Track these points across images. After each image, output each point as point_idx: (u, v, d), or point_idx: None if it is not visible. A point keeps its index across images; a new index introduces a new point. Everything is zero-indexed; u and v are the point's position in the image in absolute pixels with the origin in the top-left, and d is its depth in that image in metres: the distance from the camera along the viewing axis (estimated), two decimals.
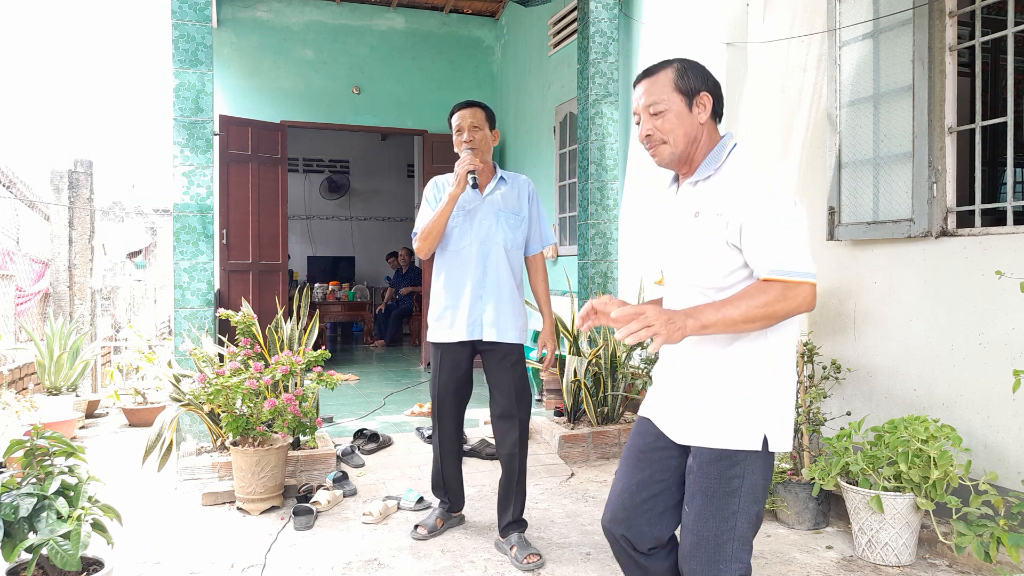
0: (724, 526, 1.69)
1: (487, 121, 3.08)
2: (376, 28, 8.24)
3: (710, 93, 1.78)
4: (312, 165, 12.44)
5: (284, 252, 7.30)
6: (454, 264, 3.06)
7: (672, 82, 1.76)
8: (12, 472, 2.36)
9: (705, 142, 1.78)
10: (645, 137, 1.79)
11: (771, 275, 1.58)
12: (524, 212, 3.13)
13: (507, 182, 3.14)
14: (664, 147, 1.77)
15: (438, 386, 3.16)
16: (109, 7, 21.78)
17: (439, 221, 2.99)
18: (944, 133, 3.17)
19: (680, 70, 1.77)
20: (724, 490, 1.68)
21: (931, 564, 2.92)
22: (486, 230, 3.04)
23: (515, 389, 3.06)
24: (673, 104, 1.75)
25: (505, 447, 3.08)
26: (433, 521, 3.27)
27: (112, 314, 8.30)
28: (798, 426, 3.42)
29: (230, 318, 4.04)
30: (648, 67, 1.82)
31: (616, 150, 5.43)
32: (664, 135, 1.76)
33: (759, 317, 1.57)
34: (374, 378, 7.44)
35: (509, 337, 3.05)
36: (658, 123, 1.76)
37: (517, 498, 3.12)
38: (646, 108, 1.77)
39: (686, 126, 1.76)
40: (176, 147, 4.21)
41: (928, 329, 3.22)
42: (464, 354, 3.11)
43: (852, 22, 3.54)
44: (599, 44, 5.40)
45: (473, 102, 3.10)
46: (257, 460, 3.50)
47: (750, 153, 1.79)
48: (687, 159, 1.79)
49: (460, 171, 2.94)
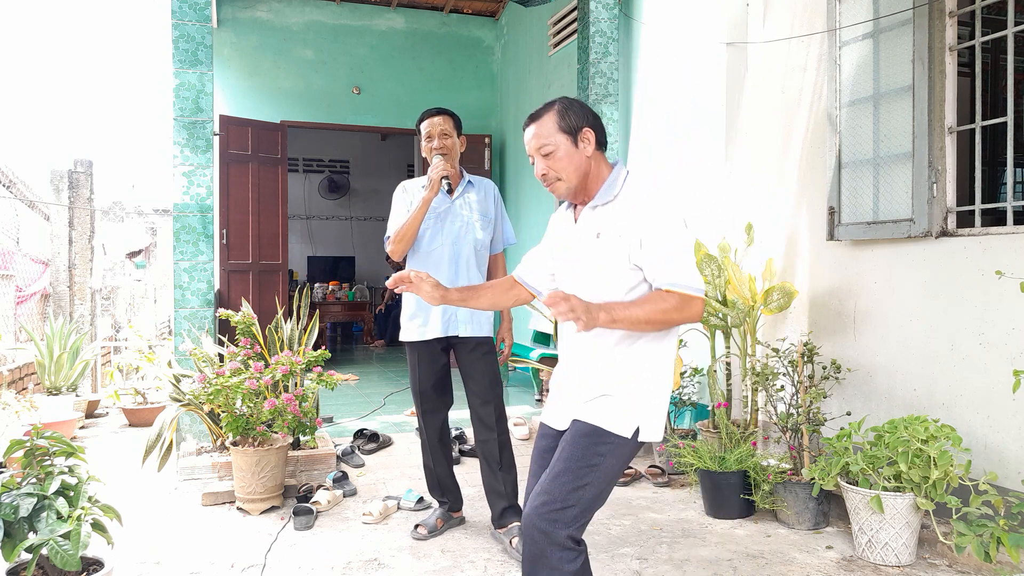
0: (575, 494, 1.84)
1: (455, 128, 3.23)
2: (376, 28, 8.24)
3: (591, 128, 1.95)
4: (312, 165, 12.44)
5: (284, 252, 7.30)
6: (427, 265, 3.17)
7: (556, 124, 1.93)
8: (12, 472, 2.37)
9: (596, 171, 1.97)
10: (541, 176, 1.96)
11: (671, 287, 1.81)
12: (491, 214, 3.30)
13: (474, 185, 3.30)
14: (560, 183, 1.95)
15: (419, 382, 3.24)
16: (109, 7, 21.78)
17: (413, 224, 3.10)
18: (944, 133, 3.17)
19: (561, 111, 1.94)
20: (587, 461, 1.86)
21: (931, 564, 2.92)
22: (457, 231, 3.19)
23: (488, 376, 3.20)
24: (560, 143, 1.93)
25: (484, 432, 3.18)
26: (434, 521, 3.28)
27: (112, 314, 8.30)
28: (797, 425, 3.42)
29: (230, 318, 4.04)
30: (532, 112, 2.00)
31: (616, 150, 5.43)
32: (557, 172, 1.94)
33: (657, 321, 1.81)
34: (374, 378, 7.44)
35: (481, 331, 3.20)
36: (550, 162, 1.93)
37: (507, 481, 3.15)
38: (537, 150, 1.94)
39: (575, 162, 1.94)
40: (176, 147, 4.21)
41: (928, 329, 3.22)
42: (439, 349, 3.22)
43: (852, 22, 3.54)
44: (599, 44, 5.40)
45: (442, 109, 3.24)
46: (257, 460, 3.50)
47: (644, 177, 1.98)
48: (582, 189, 1.97)
49: (434, 176, 3.09)
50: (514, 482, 3.18)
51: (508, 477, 3.16)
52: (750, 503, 3.46)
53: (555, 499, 1.83)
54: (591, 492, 1.86)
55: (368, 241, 12.66)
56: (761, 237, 4.07)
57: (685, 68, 4.80)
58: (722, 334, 4.05)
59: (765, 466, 3.44)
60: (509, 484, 3.16)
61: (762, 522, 3.43)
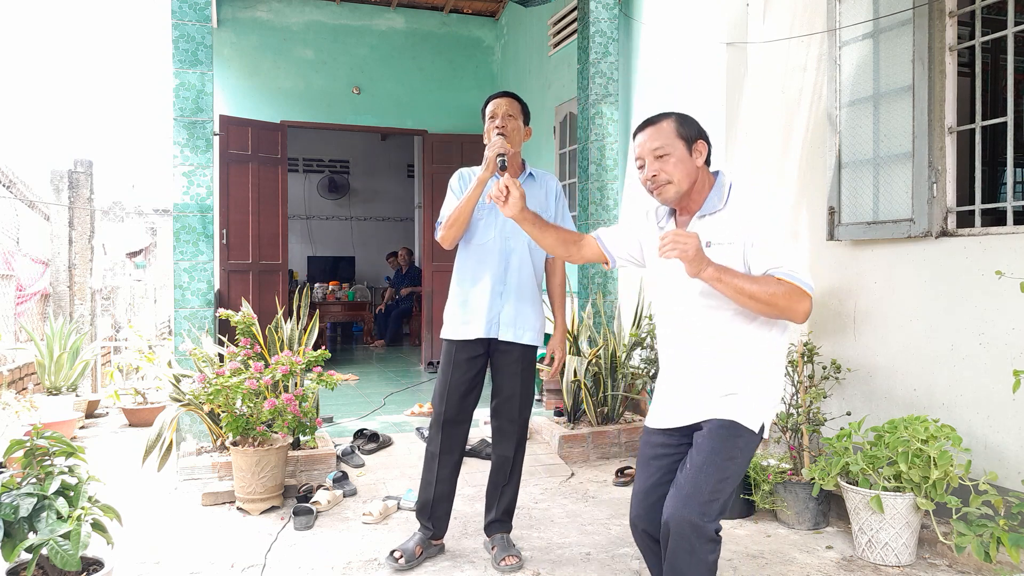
0: (719, 485, 1.90)
1: (522, 113, 2.99)
2: (376, 28, 8.24)
3: (705, 141, 2.04)
4: (312, 165, 12.43)
5: (284, 252, 7.30)
6: (476, 258, 2.95)
7: (674, 130, 2.00)
8: (12, 472, 2.36)
9: (702, 182, 2.04)
10: (651, 178, 2.01)
11: (786, 277, 1.86)
12: (551, 211, 3.02)
13: (535, 179, 3.04)
14: (669, 187, 2.00)
15: (448, 387, 2.94)
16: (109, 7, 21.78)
17: (466, 207, 2.85)
18: (944, 133, 3.17)
19: (680, 119, 2.02)
20: (728, 454, 1.92)
21: (931, 564, 2.92)
22: (511, 226, 2.91)
23: (520, 394, 2.97)
24: (676, 149, 1.99)
25: (501, 448, 3.02)
26: (413, 547, 2.97)
27: (112, 314, 8.30)
28: (797, 425, 3.43)
29: (230, 318, 4.04)
30: (649, 117, 2.06)
31: (616, 150, 5.43)
32: (669, 176, 1.99)
33: (763, 300, 1.84)
34: (374, 378, 7.44)
35: (525, 339, 2.95)
36: (663, 165, 1.99)
37: (505, 497, 3.05)
38: (651, 152, 2.00)
39: (688, 168, 2.00)
40: (176, 147, 4.21)
41: (928, 329, 3.21)
42: (478, 352, 2.96)
43: (852, 22, 3.54)
44: (599, 44, 5.39)
45: (510, 93, 3.02)
46: (257, 460, 3.50)
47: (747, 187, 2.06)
48: (687, 196, 2.03)
49: (490, 154, 2.79)
50: (512, 496, 3.08)
51: (505, 495, 3.06)
52: (750, 503, 3.46)
53: (702, 491, 1.88)
54: (731, 485, 1.92)
55: (368, 241, 12.66)
56: None
57: (685, 68, 4.80)
58: None
59: (765, 466, 3.44)
60: (506, 501, 3.06)
61: (762, 522, 3.43)
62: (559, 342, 3.11)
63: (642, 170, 2.03)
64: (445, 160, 7.79)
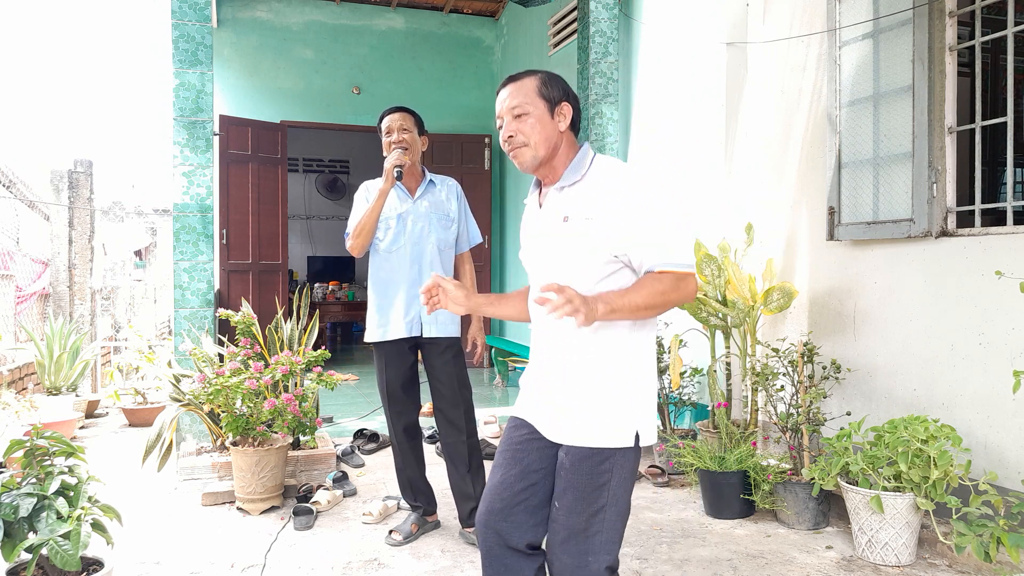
0: (594, 519, 1.74)
1: (416, 125, 3.22)
2: (376, 28, 8.24)
3: (571, 104, 1.86)
4: (312, 165, 12.43)
5: (284, 252, 7.30)
6: (389, 265, 3.19)
7: (536, 88, 1.84)
8: (12, 472, 2.36)
9: (565, 150, 1.86)
10: (507, 139, 1.84)
11: (664, 268, 1.69)
12: (454, 213, 3.28)
13: (436, 184, 3.29)
14: (525, 149, 1.82)
15: (386, 383, 3.23)
16: (109, 7, 21.78)
17: (370, 217, 3.11)
18: (944, 133, 3.17)
19: (544, 79, 1.86)
20: (595, 484, 1.74)
21: (931, 564, 2.92)
22: (419, 231, 3.18)
23: (456, 378, 3.19)
24: (536, 109, 1.82)
25: (453, 434, 3.16)
26: (408, 527, 3.21)
27: (112, 314, 8.30)
28: (797, 425, 3.42)
29: (230, 318, 4.04)
30: (513, 74, 1.91)
31: (616, 150, 5.43)
32: (526, 138, 1.82)
33: (656, 305, 1.68)
34: (374, 378, 7.42)
35: (448, 331, 3.19)
36: (520, 125, 1.82)
37: (476, 483, 3.14)
38: (510, 110, 1.84)
39: (547, 132, 1.82)
40: (176, 147, 4.21)
41: (928, 329, 3.22)
42: (405, 349, 3.21)
43: (852, 22, 3.54)
44: (599, 44, 5.40)
45: (402, 107, 3.25)
46: (257, 460, 3.50)
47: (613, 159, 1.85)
48: (547, 164, 1.85)
49: (387, 166, 3.08)
50: (483, 483, 3.14)
51: (477, 478, 3.16)
52: (750, 503, 3.46)
53: (576, 533, 1.73)
54: (611, 512, 1.74)
55: None
56: (761, 237, 4.07)
57: (685, 68, 4.80)
58: (722, 334, 4.05)
59: (765, 466, 3.44)
60: (479, 485, 3.14)
61: (762, 522, 3.43)
62: (477, 329, 3.35)
63: (501, 130, 1.86)
64: (445, 160, 7.79)
